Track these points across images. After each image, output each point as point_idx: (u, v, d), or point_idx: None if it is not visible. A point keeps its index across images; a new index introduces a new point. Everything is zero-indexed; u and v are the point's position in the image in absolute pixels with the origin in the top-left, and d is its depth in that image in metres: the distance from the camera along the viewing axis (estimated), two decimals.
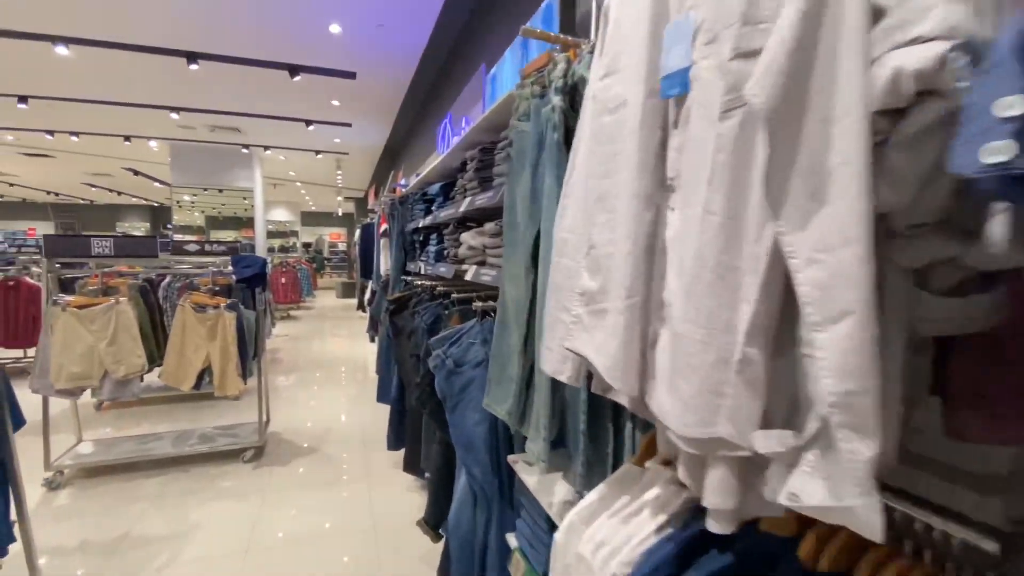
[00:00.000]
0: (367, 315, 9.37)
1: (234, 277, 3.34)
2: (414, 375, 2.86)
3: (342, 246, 20.31)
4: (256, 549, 2.41)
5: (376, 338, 6.78)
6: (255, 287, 3.44)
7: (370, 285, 7.09)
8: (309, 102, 5.51)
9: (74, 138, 7.24)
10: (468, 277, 1.96)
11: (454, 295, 2.04)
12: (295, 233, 17.99)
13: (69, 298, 2.97)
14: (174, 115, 5.91)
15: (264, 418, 3.68)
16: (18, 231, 16.12)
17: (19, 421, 1.80)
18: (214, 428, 3.74)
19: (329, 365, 6.20)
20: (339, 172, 9.72)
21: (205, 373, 3.16)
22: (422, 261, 3.14)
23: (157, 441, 3.51)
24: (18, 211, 16.81)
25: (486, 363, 1.64)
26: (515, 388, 1.36)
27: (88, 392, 3.08)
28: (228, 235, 10.49)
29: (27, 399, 2.94)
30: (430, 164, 3.34)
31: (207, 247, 4.88)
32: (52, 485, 3.02)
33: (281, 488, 3.02)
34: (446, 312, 2.10)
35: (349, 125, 6.51)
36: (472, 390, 1.62)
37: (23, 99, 5.36)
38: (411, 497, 2.93)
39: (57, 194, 15.37)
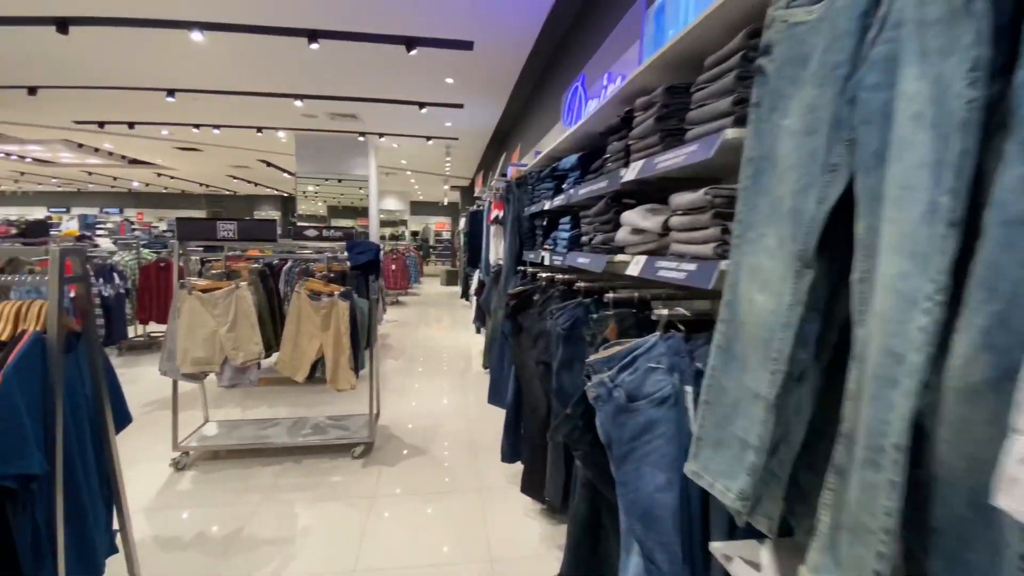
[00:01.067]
0: (471, 304, 9.30)
1: (349, 263, 3.14)
2: (535, 382, 2.44)
3: (446, 235, 20.80)
4: (363, 570, 2.15)
5: (483, 330, 6.55)
6: (369, 274, 3.23)
7: (476, 275, 6.86)
8: (423, 81, 5.32)
9: (216, 131, 7.88)
10: (633, 271, 1.45)
11: (610, 294, 1.54)
12: (404, 222, 18.72)
13: (194, 281, 2.95)
14: (298, 103, 6.08)
15: (375, 410, 3.52)
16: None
17: (124, 419, 1.64)
18: (327, 418, 3.64)
19: (436, 354, 6.07)
20: (448, 159, 9.66)
21: (318, 364, 3.00)
22: (546, 250, 2.69)
23: (274, 427, 3.48)
24: (177, 201, 19.35)
25: (675, 400, 1.13)
26: (753, 459, 0.84)
27: None
28: (346, 223, 10.99)
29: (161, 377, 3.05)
30: (556, 137, 2.86)
31: (324, 232, 4.90)
32: (178, 466, 3.06)
33: (390, 494, 2.77)
34: (593, 317, 1.62)
35: (461, 106, 6.27)
36: (654, 439, 1.12)
37: (171, 92, 5.81)
38: (532, 525, 2.51)
39: (208, 186, 17.39)
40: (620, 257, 1.60)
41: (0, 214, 15.96)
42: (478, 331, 6.62)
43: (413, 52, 4.27)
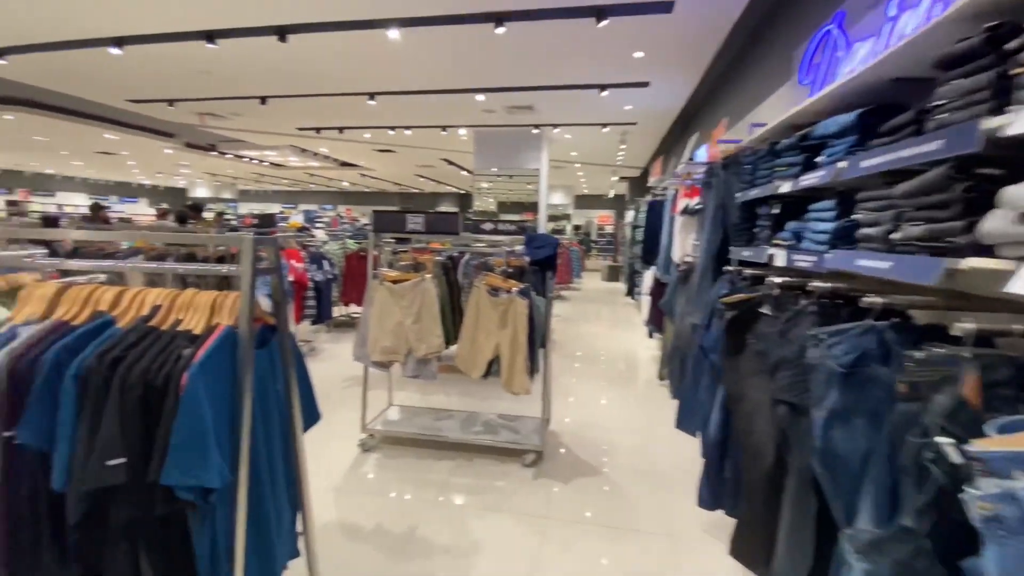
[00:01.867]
0: (637, 303, 8.66)
1: (527, 258, 2.90)
2: (760, 421, 1.87)
3: (609, 228, 20.14)
4: None
5: (656, 335, 5.93)
6: (547, 270, 2.95)
7: (650, 272, 6.24)
8: (608, 58, 4.90)
9: (407, 132, 8.57)
10: None
11: (966, 324, 0.94)
12: (567, 216, 18.59)
13: (385, 271, 3.00)
14: (480, 97, 6.18)
15: (546, 416, 3.27)
16: None
17: (312, 418, 1.56)
18: (498, 416, 3.50)
19: (603, 356, 5.64)
20: (622, 147, 9.10)
21: (494, 363, 2.82)
22: (779, 245, 2.06)
23: (448, 420, 3.45)
24: (374, 199, 22.13)
25: None
26: None
27: None
28: (512, 219, 11.17)
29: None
30: (781, 103, 2.19)
31: (499, 226, 4.83)
32: (364, 447, 3.19)
33: (564, 520, 2.46)
34: (916, 355, 1.03)
35: (646, 85, 5.69)
36: None
37: (372, 96, 6.39)
38: None
39: (399, 184, 19.52)
40: (976, 262, 0.98)
41: (246, 208, 20.52)
42: (651, 335, 6.01)
43: (603, 23, 3.87)
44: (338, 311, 6.56)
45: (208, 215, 9.00)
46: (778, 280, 1.88)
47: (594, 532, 2.38)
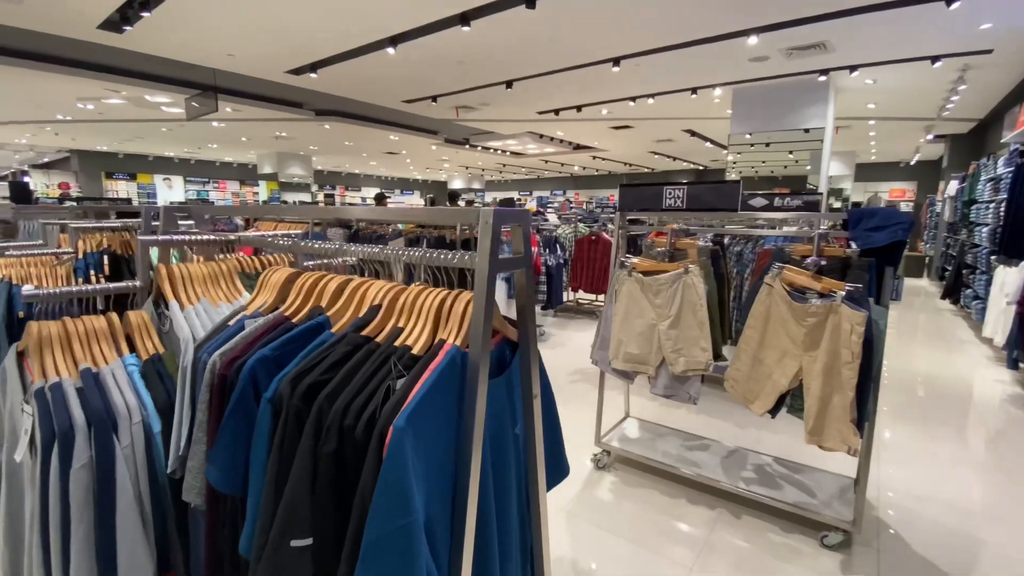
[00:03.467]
0: (960, 308, 6.20)
1: (854, 245, 1.94)
2: None
3: (906, 206, 15.49)
4: None
5: (1022, 366, 3.95)
6: (887, 264, 1.93)
7: (1019, 269, 4.20)
8: None
9: (650, 100, 7.74)
10: None
11: None
12: (839, 191, 14.98)
13: (635, 260, 2.42)
14: (752, 39, 4.96)
15: (860, 476, 2.24)
16: (602, 197, 21.02)
17: (559, 473, 1.08)
18: (777, 461, 2.60)
19: (925, 389, 4.00)
20: (959, 88, 6.41)
21: (788, 397, 1.99)
22: None
23: (702, 452, 2.73)
24: (601, 182, 21.74)
25: None
26: None
27: None
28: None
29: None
30: None
31: (777, 201, 3.74)
32: (599, 464, 2.73)
33: None
34: None
35: None
36: None
37: (616, 62, 5.80)
38: None
39: (630, 164, 18.69)
40: None
41: (490, 196, 22.69)
42: (1014, 366, 4.04)
43: None
44: (565, 296, 6.33)
45: (460, 202, 9.91)
46: None
47: None
